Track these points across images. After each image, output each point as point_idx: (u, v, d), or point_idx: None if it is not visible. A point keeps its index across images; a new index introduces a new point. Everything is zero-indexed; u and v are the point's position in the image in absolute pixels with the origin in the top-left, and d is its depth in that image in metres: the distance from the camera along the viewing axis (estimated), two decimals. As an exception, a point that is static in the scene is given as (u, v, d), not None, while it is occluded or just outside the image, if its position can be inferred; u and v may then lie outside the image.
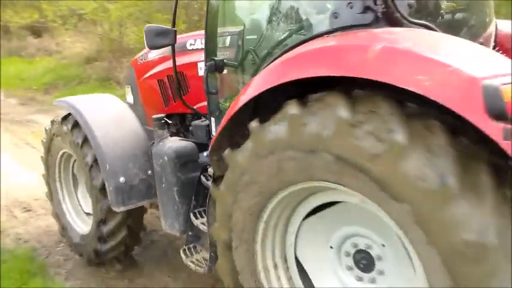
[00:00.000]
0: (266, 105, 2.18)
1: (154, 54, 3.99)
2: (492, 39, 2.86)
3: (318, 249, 2.41)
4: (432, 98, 1.67)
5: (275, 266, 2.50)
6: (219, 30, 3.02)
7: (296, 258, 2.47)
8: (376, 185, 1.81)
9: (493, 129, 1.58)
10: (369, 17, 2.20)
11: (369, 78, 1.79)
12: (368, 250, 2.24)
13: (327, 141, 1.89)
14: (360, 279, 2.30)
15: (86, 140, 3.59)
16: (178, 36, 3.31)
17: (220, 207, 2.42)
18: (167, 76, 3.87)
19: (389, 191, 1.77)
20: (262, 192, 2.23)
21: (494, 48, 2.85)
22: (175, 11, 3.46)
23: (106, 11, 12.18)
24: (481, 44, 2.59)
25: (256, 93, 2.16)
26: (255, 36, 2.84)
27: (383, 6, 2.16)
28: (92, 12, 12.73)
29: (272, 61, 2.31)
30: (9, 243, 4.53)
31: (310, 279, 2.44)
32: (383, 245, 2.18)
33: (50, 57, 15.98)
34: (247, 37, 2.95)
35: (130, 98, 4.41)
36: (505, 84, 1.61)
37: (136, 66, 4.25)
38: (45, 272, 3.98)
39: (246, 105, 2.22)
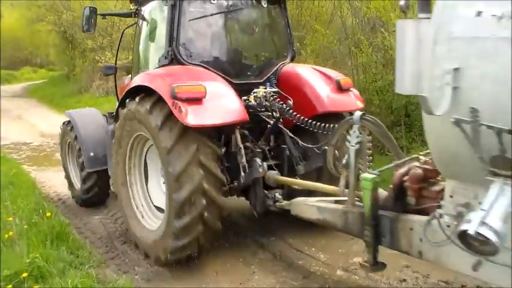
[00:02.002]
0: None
1: (125, 82, 6.12)
2: (268, 76, 5.34)
3: (155, 165, 4.98)
4: (159, 93, 4.26)
5: (135, 179, 5.17)
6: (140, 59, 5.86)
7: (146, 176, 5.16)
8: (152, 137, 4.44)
9: (171, 104, 4.15)
10: (167, 60, 4.93)
11: (145, 85, 4.49)
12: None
13: (136, 115, 4.55)
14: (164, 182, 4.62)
15: (75, 136, 6.38)
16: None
17: (115, 143, 5.11)
18: None
19: (155, 139, 4.39)
20: (125, 138, 4.93)
21: (276, 83, 5.36)
22: (117, 51, 6.84)
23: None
24: (262, 77, 5.33)
25: (125, 91, 4.92)
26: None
27: (173, 56, 4.87)
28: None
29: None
30: (110, 274, 4.58)
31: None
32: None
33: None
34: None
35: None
36: (178, 85, 4.15)
37: (119, 87, 6.27)
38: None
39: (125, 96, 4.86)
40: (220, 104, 4.39)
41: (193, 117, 4.10)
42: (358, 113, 3.64)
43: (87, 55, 20.36)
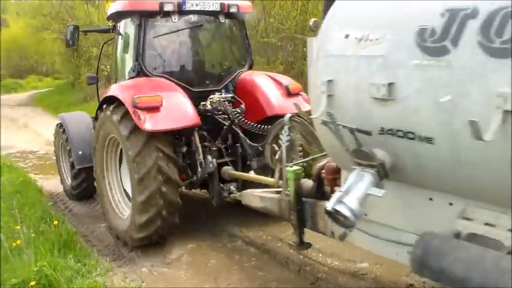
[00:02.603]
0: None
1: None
2: (226, 83, 6.13)
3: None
4: (122, 101, 5.11)
5: (111, 175, 5.98)
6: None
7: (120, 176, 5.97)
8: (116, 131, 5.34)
9: (132, 112, 4.96)
10: (134, 73, 5.69)
11: (115, 96, 5.29)
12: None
13: (105, 119, 5.46)
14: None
15: (65, 134, 7.24)
16: None
17: (95, 144, 6.01)
18: None
19: (117, 132, 5.25)
20: (101, 141, 5.76)
21: (233, 89, 6.15)
22: (98, 63, 7.70)
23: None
24: (220, 85, 6.10)
25: (101, 99, 5.78)
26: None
27: (139, 69, 5.63)
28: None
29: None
30: (117, 282, 4.64)
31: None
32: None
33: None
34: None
35: None
36: (138, 96, 5.01)
37: (101, 95, 6.83)
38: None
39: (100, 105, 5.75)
40: (175, 111, 5.16)
41: (149, 123, 4.90)
42: (288, 115, 4.24)
43: (92, 63, 20.52)
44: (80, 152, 6.83)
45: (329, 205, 2.95)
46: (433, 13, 2.59)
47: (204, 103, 5.69)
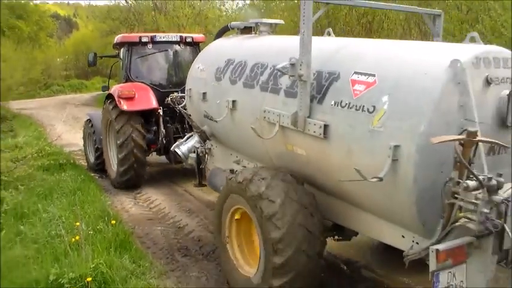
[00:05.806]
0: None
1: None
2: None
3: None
4: (113, 94, 8.78)
5: (113, 148, 9.51)
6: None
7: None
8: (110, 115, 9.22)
9: (117, 100, 8.60)
10: (124, 80, 9.68)
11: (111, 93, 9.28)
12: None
13: (106, 108, 9.10)
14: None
15: (92, 127, 10.46)
16: None
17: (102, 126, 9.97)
18: None
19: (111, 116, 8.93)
20: (105, 123, 9.36)
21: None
22: (109, 77, 11.86)
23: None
24: (180, 88, 9.29)
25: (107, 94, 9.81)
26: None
27: (127, 77, 9.46)
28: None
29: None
30: (170, 286, 4.81)
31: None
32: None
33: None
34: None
35: None
36: (121, 91, 8.69)
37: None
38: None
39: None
40: (143, 100, 8.84)
41: (125, 106, 8.59)
42: None
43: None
44: (101, 136, 9.82)
45: (172, 148, 6.60)
46: (223, 60, 5.65)
47: (167, 99, 9.02)
